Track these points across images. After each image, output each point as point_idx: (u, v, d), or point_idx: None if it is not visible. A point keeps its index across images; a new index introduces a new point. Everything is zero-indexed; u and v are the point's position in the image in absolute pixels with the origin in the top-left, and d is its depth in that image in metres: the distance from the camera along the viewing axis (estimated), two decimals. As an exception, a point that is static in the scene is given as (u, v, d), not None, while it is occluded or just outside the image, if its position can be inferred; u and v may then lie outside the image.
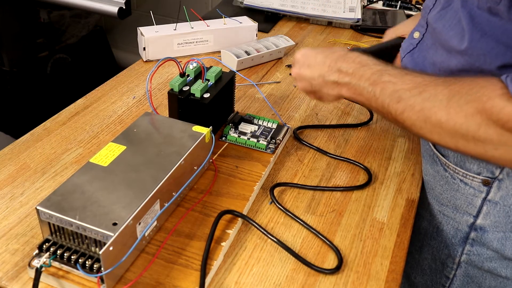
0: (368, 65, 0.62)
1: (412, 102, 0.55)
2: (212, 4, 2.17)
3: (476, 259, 0.70)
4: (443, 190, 0.70)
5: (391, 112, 0.58)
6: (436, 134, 0.55)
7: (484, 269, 0.69)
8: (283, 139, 0.80)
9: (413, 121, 0.56)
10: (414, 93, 0.55)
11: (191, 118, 0.72)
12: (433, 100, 0.54)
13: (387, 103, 0.58)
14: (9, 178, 0.70)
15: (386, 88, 0.58)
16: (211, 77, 0.78)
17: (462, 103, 0.51)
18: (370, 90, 0.60)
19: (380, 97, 0.59)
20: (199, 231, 0.62)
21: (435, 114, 0.53)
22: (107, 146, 0.63)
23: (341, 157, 0.78)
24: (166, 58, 0.73)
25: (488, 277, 0.70)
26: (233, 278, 0.57)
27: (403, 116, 0.57)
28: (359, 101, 0.63)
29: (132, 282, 0.54)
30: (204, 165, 0.70)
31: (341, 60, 0.64)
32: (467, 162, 0.65)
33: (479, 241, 0.68)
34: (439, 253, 0.74)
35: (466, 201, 0.67)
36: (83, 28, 2.16)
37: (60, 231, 0.54)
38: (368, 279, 0.58)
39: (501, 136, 0.49)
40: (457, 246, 0.71)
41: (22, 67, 1.91)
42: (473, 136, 0.51)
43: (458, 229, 0.70)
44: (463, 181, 0.66)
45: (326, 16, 1.29)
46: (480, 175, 0.64)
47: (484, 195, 0.65)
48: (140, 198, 0.55)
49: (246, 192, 0.69)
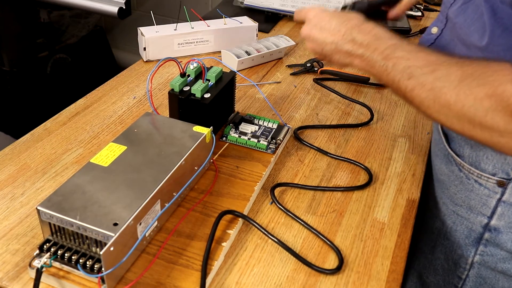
0: (382, 38, 0.61)
1: (423, 80, 0.55)
2: (212, 4, 2.17)
3: (489, 260, 0.69)
4: (457, 190, 0.70)
5: (401, 88, 0.58)
6: (443, 115, 0.54)
7: (498, 270, 0.69)
8: (283, 139, 0.80)
9: (421, 100, 0.55)
10: (426, 71, 0.55)
11: (191, 118, 0.72)
12: (444, 80, 0.53)
13: (398, 78, 0.58)
14: (9, 179, 0.70)
15: (398, 63, 0.58)
16: (212, 77, 0.77)
17: (473, 86, 0.51)
18: (382, 64, 0.60)
19: (392, 72, 0.59)
20: (199, 231, 0.62)
21: (444, 94, 0.53)
22: (108, 146, 0.63)
23: (342, 157, 0.78)
24: (166, 58, 0.73)
25: (501, 278, 0.69)
26: (234, 278, 0.57)
27: (412, 94, 0.56)
28: (371, 73, 0.63)
29: (132, 282, 0.54)
30: (205, 165, 0.70)
31: (356, 30, 0.64)
32: (482, 162, 0.65)
33: (492, 242, 0.68)
34: (452, 253, 0.74)
35: (481, 201, 0.67)
36: (83, 28, 2.16)
37: (60, 231, 0.54)
38: (369, 279, 0.58)
39: (508, 124, 0.49)
40: (470, 246, 0.71)
41: (22, 67, 1.91)
42: (480, 121, 0.50)
43: (472, 230, 0.69)
44: (478, 181, 0.66)
45: (326, 16, 1.29)
46: (495, 176, 0.64)
47: (498, 196, 0.64)
48: (141, 199, 0.55)
49: (246, 192, 0.69)
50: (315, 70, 1.05)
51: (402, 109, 0.94)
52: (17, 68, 1.89)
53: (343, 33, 0.65)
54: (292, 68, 1.07)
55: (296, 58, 1.12)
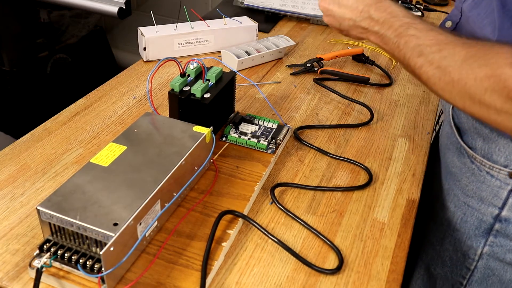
0: (398, 16, 0.64)
1: (430, 58, 0.58)
2: (212, 4, 2.17)
3: (498, 251, 0.70)
4: (469, 182, 0.71)
5: (411, 65, 0.61)
6: (447, 92, 0.57)
7: (506, 261, 0.70)
8: (283, 139, 0.80)
9: (429, 76, 0.58)
10: (434, 50, 0.58)
11: (191, 118, 0.72)
12: (449, 60, 0.56)
13: (409, 56, 0.61)
14: (9, 179, 0.70)
15: (410, 41, 0.61)
16: (212, 77, 0.77)
17: (475, 66, 0.53)
18: (395, 41, 0.63)
19: (403, 49, 0.61)
20: (199, 231, 0.62)
21: (449, 73, 0.55)
22: (108, 146, 0.63)
23: (342, 157, 0.78)
24: (166, 58, 0.73)
25: (509, 270, 0.70)
26: (234, 278, 0.57)
27: (420, 70, 0.59)
28: (384, 48, 0.66)
29: (133, 282, 0.54)
30: (205, 165, 0.70)
31: (373, 8, 0.67)
32: (494, 154, 0.66)
33: (503, 233, 0.68)
34: (461, 244, 0.74)
35: (492, 193, 0.68)
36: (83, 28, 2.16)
37: (60, 231, 0.54)
38: (369, 279, 0.58)
39: (504, 103, 0.51)
40: (480, 237, 0.71)
41: (22, 67, 1.91)
42: (479, 99, 0.53)
43: (483, 221, 0.70)
44: (490, 173, 0.67)
45: (327, 16, 1.29)
46: (507, 168, 0.65)
47: (510, 187, 0.65)
48: (141, 199, 0.55)
49: (246, 192, 0.69)
50: (315, 70, 1.05)
51: (402, 109, 0.94)
52: (17, 68, 1.89)
53: (360, 10, 0.68)
54: (292, 68, 1.07)
55: (296, 58, 1.12)
